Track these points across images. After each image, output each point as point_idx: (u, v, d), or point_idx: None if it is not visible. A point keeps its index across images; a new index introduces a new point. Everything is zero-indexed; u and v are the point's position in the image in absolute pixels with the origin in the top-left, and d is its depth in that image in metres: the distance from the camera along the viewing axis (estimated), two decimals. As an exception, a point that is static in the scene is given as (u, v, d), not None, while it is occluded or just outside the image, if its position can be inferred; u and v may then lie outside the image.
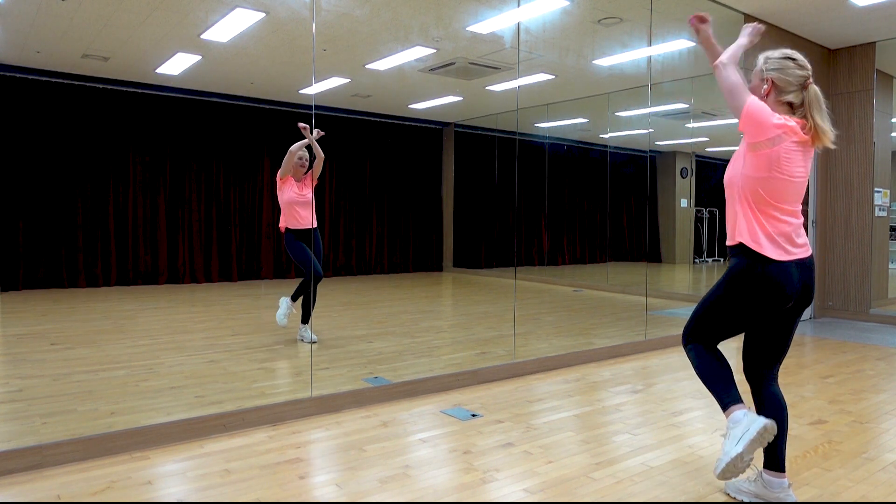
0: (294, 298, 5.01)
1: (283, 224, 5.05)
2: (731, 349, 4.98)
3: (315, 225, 5.12)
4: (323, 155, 5.09)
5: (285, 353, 4.54)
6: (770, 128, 2.10)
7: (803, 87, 2.19)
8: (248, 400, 3.39)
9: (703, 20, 2.31)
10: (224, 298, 7.07)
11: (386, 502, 2.32)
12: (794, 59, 2.21)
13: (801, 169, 2.16)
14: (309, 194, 5.08)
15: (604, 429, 3.16)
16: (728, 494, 2.39)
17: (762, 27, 2.31)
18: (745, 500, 2.33)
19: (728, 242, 2.28)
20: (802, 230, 2.24)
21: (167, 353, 4.45)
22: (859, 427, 3.24)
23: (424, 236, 11.09)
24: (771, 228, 2.16)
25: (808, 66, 2.23)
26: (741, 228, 2.19)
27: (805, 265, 2.20)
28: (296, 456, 2.75)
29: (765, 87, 2.22)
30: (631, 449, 2.88)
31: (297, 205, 5.01)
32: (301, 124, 4.94)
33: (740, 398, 2.20)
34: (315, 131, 5.03)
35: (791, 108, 2.20)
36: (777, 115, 2.14)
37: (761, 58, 2.27)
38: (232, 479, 2.49)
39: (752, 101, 2.12)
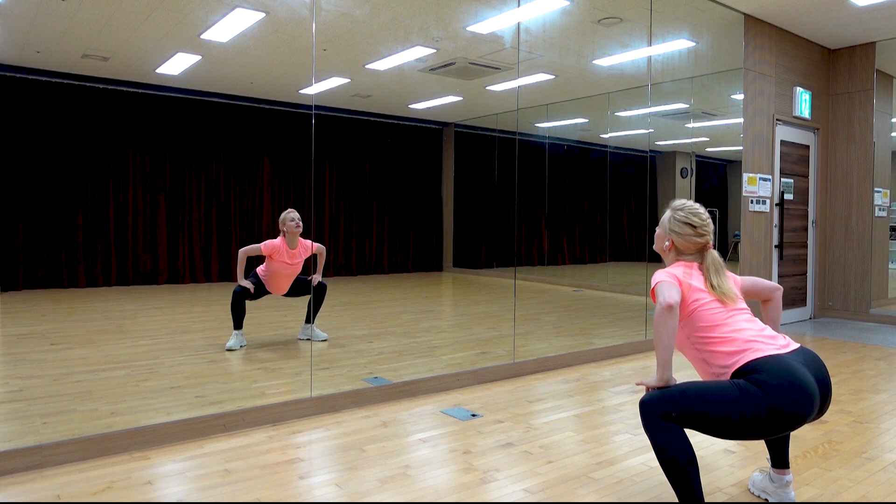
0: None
1: (261, 272, 4.72)
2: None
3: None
4: (324, 253, 4.88)
5: (285, 353, 4.54)
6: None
7: (702, 250, 2.27)
8: (248, 400, 3.39)
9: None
10: (224, 298, 7.07)
11: (386, 502, 2.32)
12: (694, 227, 2.27)
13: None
14: (299, 263, 4.71)
15: (604, 429, 3.16)
16: (750, 491, 2.45)
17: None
18: (755, 493, 2.42)
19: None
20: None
21: (167, 353, 4.44)
22: (859, 427, 3.24)
23: (424, 236, 11.09)
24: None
25: (709, 230, 2.29)
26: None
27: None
28: (296, 456, 2.75)
29: (666, 243, 2.34)
30: (631, 449, 2.88)
31: (281, 276, 4.69)
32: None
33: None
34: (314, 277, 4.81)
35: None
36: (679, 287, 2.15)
37: (668, 212, 2.35)
38: (232, 479, 2.49)
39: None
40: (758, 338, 2.07)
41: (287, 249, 4.63)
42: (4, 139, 7.43)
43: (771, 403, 1.90)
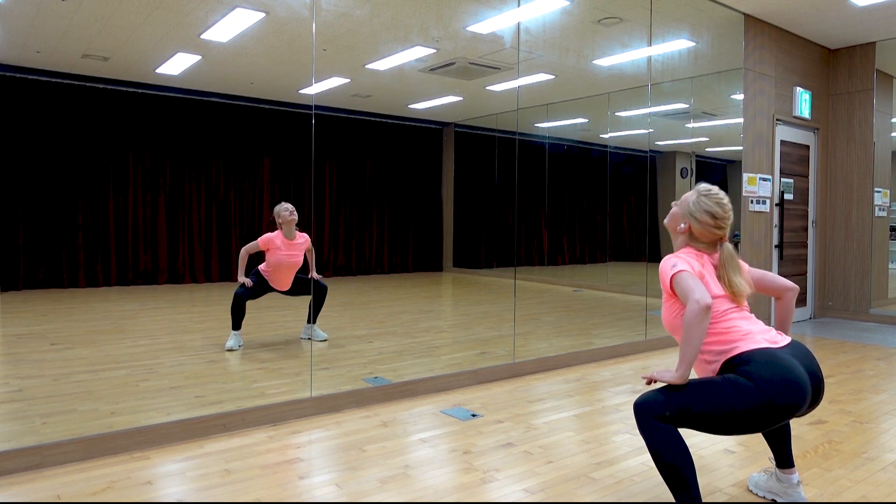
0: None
1: (262, 269, 4.71)
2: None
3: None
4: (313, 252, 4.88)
5: (285, 353, 4.54)
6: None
7: (717, 242, 2.23)
8: (248, 400, 3.39)
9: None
10: (224, 298, 7.07)
11: (386, 502, 2.32)
12: (716, 218, 2.20)
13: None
14: (299, 255, 4.72)
15: (604, 429, 3.16)
16: (750, 491, 2.44)
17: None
18: (760, 494, 2.40)
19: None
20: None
21: (167, 353, 4.44)
22: (859, 427, 3.24)
23: (424, 236, 11.09)
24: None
25: (728, 224, 2.23)
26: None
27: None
28: (296, 456, 2.75)
29: (682, 225, 2.27)
30: (631, 449, 2.88)
31: (282, 269, 4.68)
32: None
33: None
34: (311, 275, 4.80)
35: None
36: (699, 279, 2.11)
37: (693, 194, 2.26)
38: (232, 479, 2.49)
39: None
40: (752, 331, 2.08)
41: (285, 241, 4.62)
42: (4, 139, 7.43)
43: (762, 395, 1.90)
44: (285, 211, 4.63)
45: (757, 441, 3.01)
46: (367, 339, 5.08)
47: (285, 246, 4.63)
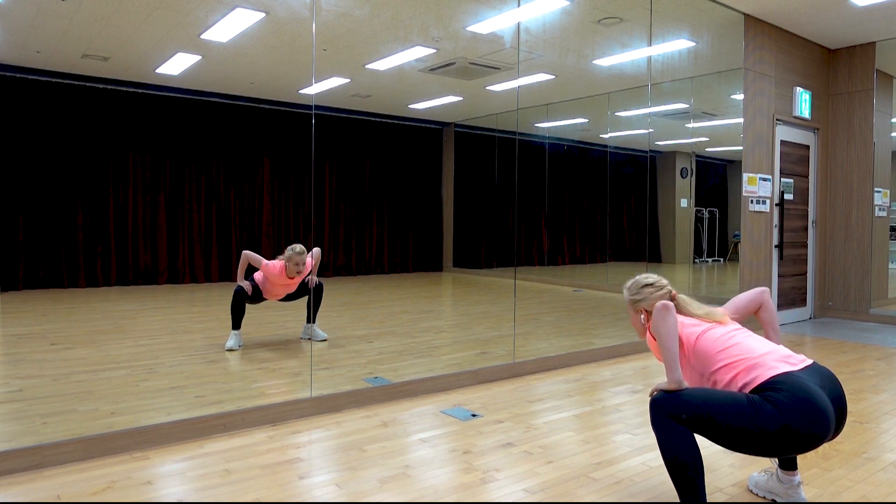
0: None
1: (258, 280, 4.68)
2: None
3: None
4: (319, 254, 4.87)
5: (285, 353, 4.54)
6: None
7: (671, 300, 2.33)
8: (248, 400, 3.39)
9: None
10: (224, 298, 7.07)
11: (386, 502, 2.32)
12: (650, 285, 2.35)
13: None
14: (296, 284, 4.73)
15: (604, 429, 3.16)
16: (750, 491, 2.44)
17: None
18: (760, 494, 2.40)
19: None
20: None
21: (167, 353, 4.45)
22: (859, 427, 3.24)
23: (424, 236, 11.09)
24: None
25: (666, 282, 2.38)
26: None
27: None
28: (296, 456, 2.75)
29: (642, 317, 2.38)
30: (631, 449, 2.88)
31: (276, 289, 4.70)
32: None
33: None
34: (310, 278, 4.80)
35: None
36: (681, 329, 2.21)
37: (625, 292, 2.42)
38: (232, 479, 2.49)
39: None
40: (768, 356, 2.06)
41: (284, 276, 4.59)
42: (4, 139, 7.43)
43: (782, 420, 1.88)
44: (296, 266, 4.52)
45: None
46: (367, 339, 5.08)
47: (284, 279, 4.62)
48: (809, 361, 2.08)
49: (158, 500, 2.31)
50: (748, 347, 2.09)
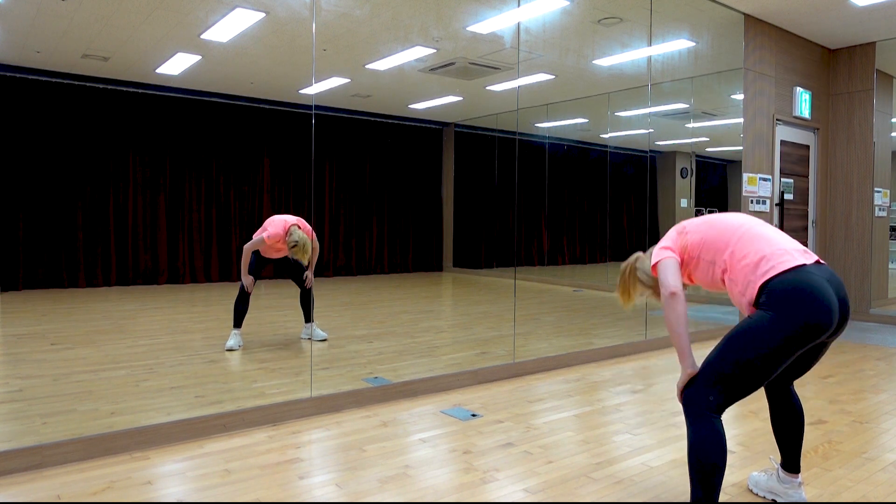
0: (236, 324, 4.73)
1: (258, 241, 4.68)
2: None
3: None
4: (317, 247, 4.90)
5: (285, 353, 4.54)
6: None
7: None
8: (248, 400, 3.39)
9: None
10: (224, 298, 7.07)
11: (386, 502, 2.32)
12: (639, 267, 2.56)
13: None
14: (286, 253, 4.81)
15: (604, 429, 3.16)
16: (750, 491, 2.44)
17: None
18: (760, 493, 2.39)
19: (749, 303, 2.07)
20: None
21: (167, 353, 4.44)
22: (859, 427, 3.24)
23: (424, 236, 11.09)
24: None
25: (637, 255, 2.58)
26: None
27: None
28: (296, 456, 2.75)
29: (647, 277, 2.48)
30: (631, 449, 2.88)
31: (272, 251, 4.76)
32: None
33: None
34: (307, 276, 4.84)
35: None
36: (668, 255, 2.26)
37: (642, 276, 2.51)
38: (232, 479, 2.49)
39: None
40: (780, 246, 2.05)
41: (283, 241, 4.69)
42: (4, 139, 7.43)
43: (786, 323, 1.90)
44: (291, 249, 4.60)
45: (757, 441, 3.01)
46: (367, 339, 5.08)
47: (281, 244, 4.69)
48: (815, 257, 2.09)
49: (158, 500, 2.31)
50: (760, 234, 2.10)
